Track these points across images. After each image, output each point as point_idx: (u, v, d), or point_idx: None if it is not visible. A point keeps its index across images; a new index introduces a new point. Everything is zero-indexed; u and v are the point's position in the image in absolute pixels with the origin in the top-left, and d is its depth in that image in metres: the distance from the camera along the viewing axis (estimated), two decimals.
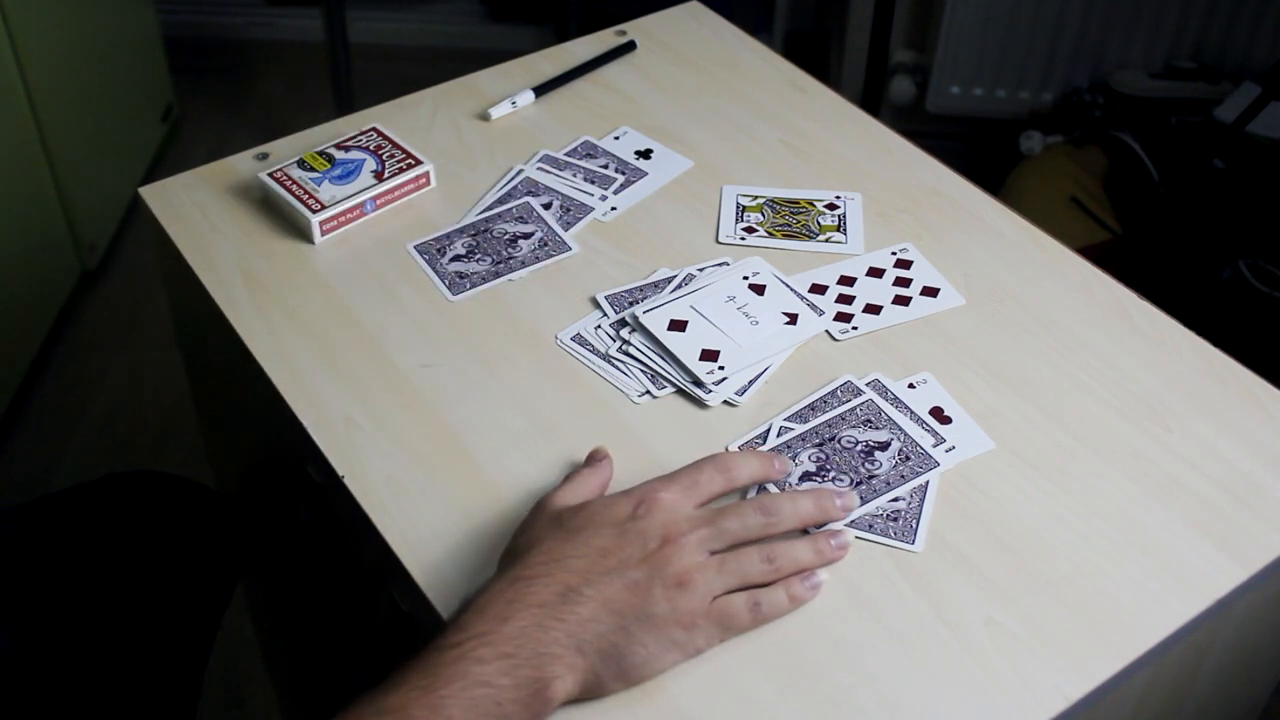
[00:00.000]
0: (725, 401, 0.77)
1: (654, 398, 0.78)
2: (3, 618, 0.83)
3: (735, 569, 0.64)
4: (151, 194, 0.94)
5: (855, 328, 0.83)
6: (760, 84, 1.06)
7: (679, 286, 0.85)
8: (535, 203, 0.93)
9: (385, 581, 0.71)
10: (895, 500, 0.71)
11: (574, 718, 0.61)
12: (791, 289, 0.85)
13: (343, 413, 0.77)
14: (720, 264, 0.87)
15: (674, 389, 0.78)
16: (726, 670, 0.63)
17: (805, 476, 0.72)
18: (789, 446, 0.74)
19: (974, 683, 0.63)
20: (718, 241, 0.90)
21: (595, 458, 0.72)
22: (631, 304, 0.84)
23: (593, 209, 0.92)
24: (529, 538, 0.65)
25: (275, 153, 0.97)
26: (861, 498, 0.71)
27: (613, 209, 0.93)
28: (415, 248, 0.89)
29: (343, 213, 0.90)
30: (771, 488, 0.72)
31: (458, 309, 0.85)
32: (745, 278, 0.85)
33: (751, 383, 0.79)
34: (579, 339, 0.82)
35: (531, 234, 0.90)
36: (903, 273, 0.87)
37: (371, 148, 0.95)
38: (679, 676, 0.63)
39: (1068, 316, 0.84)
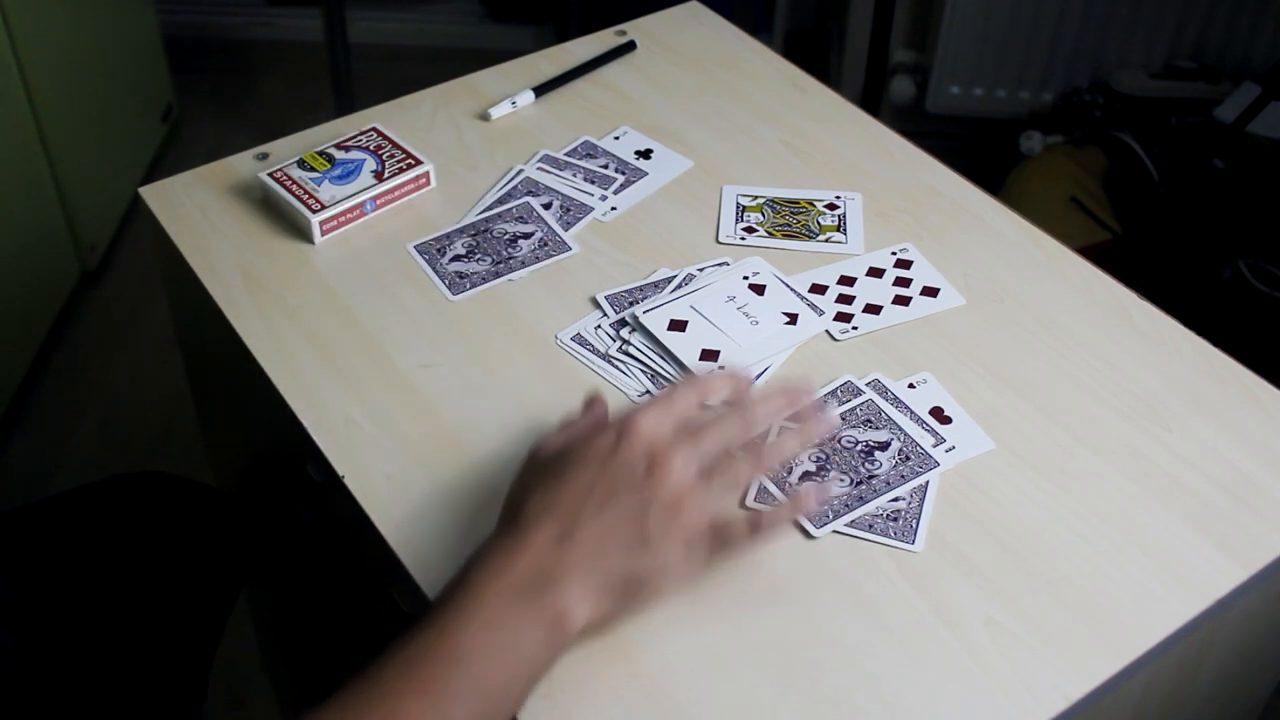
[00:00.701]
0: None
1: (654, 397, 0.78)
2: (8, 619, 0.83)
3: (725, 480, 0.64)
4: (151, 194, 0.94)
5: (855, 328, 0.83)
6: (760, 84, 1.06)
7: (679, 286, 0.85)
8: (535, 203, 0.93)
9: (385, 581, 0.71)
10: (895, 500, 0.71)
11: (574, 718, 0.61)
12: (791, 289, 0.85)
13: (343, 413, 0.77)
14: (720, 264, 0.87)
15: None
16: (726, 670, 0.63)
17: (805, 476, 0.72)
18: None
19: (974, 683, 0.63)
20: (718, 241, 0.90)
21: (592, 404, 0.71)
22: (631, 304, 0.84)
23: (593, 209, 0.92)
24: (520, 489, 0.65)
25: (275, 153, 0.97)
26: (861, 498, 0.71)
27: (613, 209, 0.93)
28: (415, 248, 0.89)
29: (343, 213, 0.90)
30: (770, 485, 0.72)
31: (458, 309, 0.85)
32: (745, 278, 0.85)
33: (752, 383, 0.79)
34: (579, 339, 0.82)
35: (531, 234, 0.90)
36: (903, 273, 0.87)
37: (371, 148, 0.95)
38: (679, 676, 0.63)
39: (1068, 316, 0.84)
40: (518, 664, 0.58)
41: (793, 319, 0.82)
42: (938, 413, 0.76)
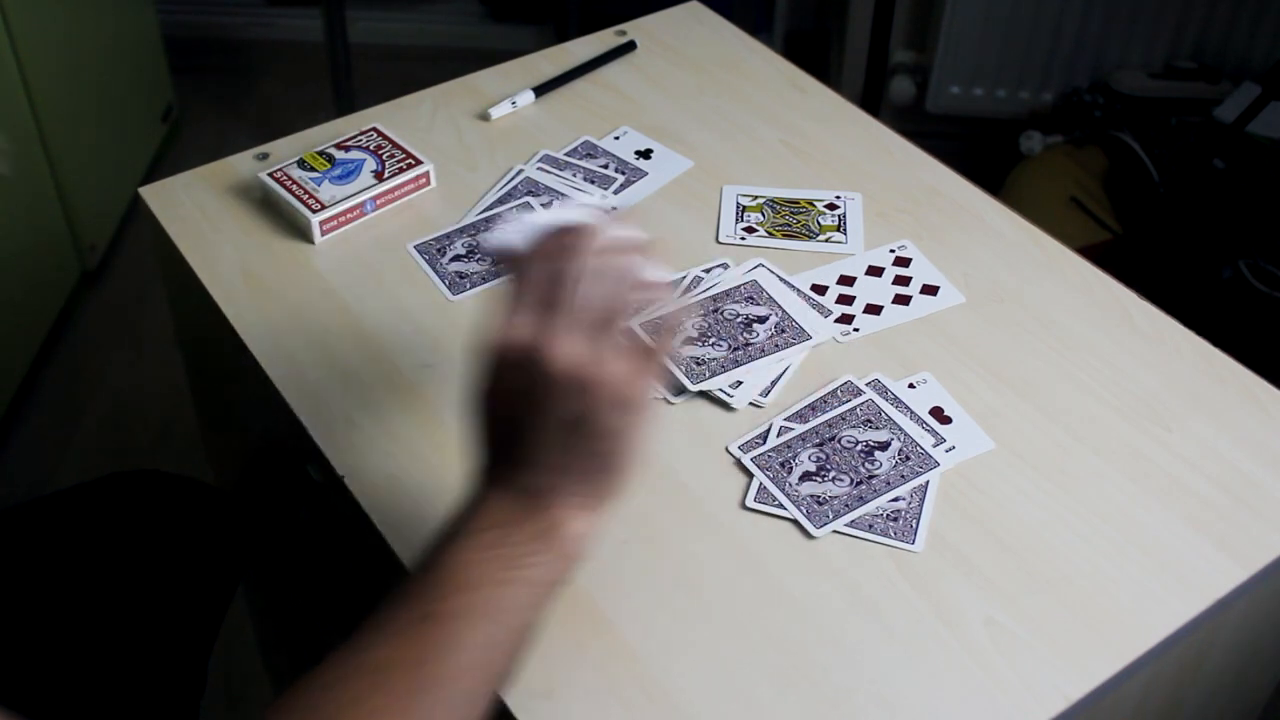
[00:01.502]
0: (751, 403, 0.77)
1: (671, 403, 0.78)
2: (6, 616, 0.83)
3: (603, 328, 0.59)
4: (151, 194, 0.94)
5: (856, 329, 0.83)
6: (760, 84, 1.06)
7: (686, 290, 0.85)
8: (535, 203, 0.93)
9: (385, 581, 0.71)
10: (895, 500, 0.71)
11: (574, 717, 0.61)
12: (797, 290, 0.85)
13: (343, 413, 0.77)
14: (720, 265, 0.87)
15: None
16: (726, 670, 0.63)
17: (805, 476, 0.72)
18: (789, 446, 0.74)
19: (974, 683, 0.63)
20: (718, 241, 0.90)
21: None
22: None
23: None
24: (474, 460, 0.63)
25: (275, 153, 0.97)
26: (861, 498, 0.71)
27: (613, 209, 0.93)
28: (415, 248, 0.89)
29: (343, 213, 0.90)
30: (770, 485, 0.71)
31: (458, 309, 0.84)
32: (753, 280, 0.85)
33: (774, 383, 0.79)
34: None
35: None
36: (902, 270, 0.87)
37: (371, 148, 0.95)
38: (679, 676, 0.63)
39: (1068, 316, 0.84)
40: (524, 583, 0.57)
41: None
42: (938, 413, 0.76)
